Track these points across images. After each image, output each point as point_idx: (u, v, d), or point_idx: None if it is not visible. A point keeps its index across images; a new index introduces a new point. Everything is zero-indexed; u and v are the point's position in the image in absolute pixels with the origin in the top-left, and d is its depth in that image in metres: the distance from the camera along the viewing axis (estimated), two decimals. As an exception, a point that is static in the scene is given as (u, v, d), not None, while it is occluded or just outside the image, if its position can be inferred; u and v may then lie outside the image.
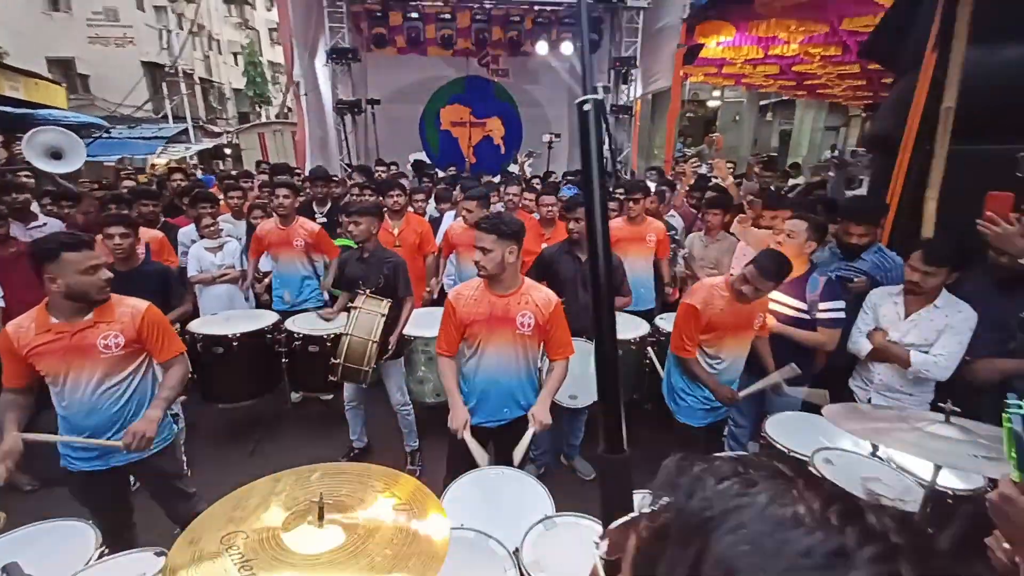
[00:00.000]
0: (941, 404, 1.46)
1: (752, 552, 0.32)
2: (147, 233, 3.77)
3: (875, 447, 2.06)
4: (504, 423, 2.36)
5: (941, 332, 2.42)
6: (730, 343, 2.63)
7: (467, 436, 2.13)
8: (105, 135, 12.13)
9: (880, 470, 1.98)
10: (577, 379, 2.92)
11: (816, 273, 2.77)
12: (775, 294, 2.77)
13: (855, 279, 2.87)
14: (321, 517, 1.13)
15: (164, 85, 18.10)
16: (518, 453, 2.06)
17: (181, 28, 21.23)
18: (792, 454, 2.17)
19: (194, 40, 21.86)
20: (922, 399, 2.54)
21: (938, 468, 1.40)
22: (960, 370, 2.39)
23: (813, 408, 2.41)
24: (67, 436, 2.02)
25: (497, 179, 6.99)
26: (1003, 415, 0.95)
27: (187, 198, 4.71)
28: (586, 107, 0.73)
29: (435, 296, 4.15)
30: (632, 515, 0.42)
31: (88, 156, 6.18)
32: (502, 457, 2.30)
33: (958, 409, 1.43)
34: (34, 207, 4.33)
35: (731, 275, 2.59)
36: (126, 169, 6.80)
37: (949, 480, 1.87)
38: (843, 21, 5.31)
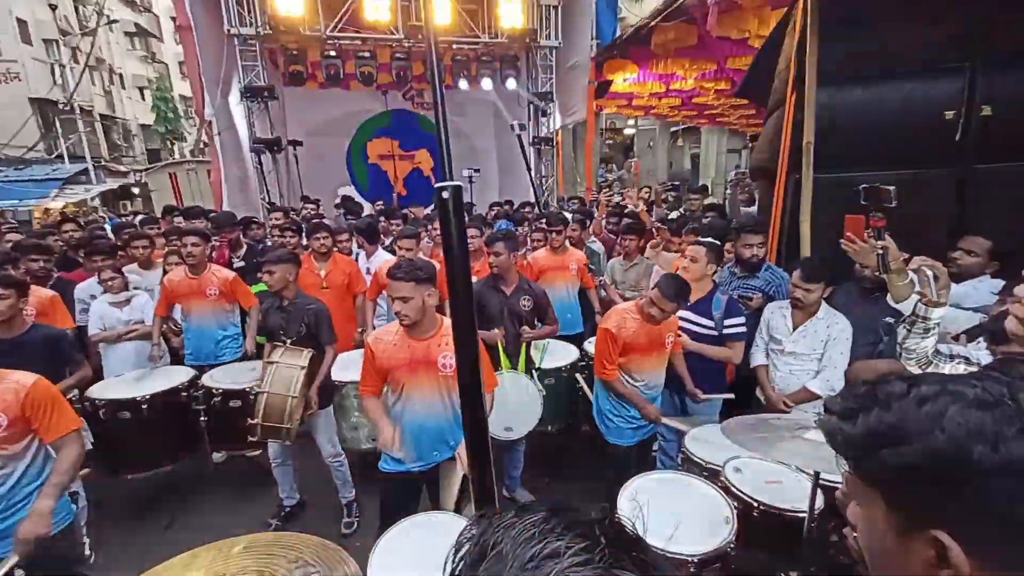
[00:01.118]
0: (812, 411, 1.66)
1: (497, 564, 0.43)
2: (37, 292, 3.43)
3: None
4: (435, 465, 2.36)
5: (825, 342, 2.73)
6: (647, 362, 2.81)
7: (397, 447, 2.21)
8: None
9: (782, 473, 2.18)
10: (510, 411, 2.98)
11: (719, 293, 3.04)
12: (685, 314, 3.02)
13: (753, 297, 3.18)
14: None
15: (57, 123, 16.62)
16: (449, 496, 2.06)
17: (76, 62, 19.68)
18: (708, 465, 2.35)
19: (92, 75, 20.33)
20: (819, 403, 2.83)
21: (817, 472, 1.58)
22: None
23: (730, 410, 2.64)
24: None
25: (427, 210, 7.04)
26: None
27: (83, 250, 4.34)
28: (444, 194, 0.77)
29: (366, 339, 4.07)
30: None
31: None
32: (436, 502, 2.29)
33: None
34: None
35: (640, 299, 2.79)
36: (9, 223, 6.10)
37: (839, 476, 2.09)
38: (727, 60, 5.96)
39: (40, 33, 19.14)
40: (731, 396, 2.90)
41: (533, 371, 3.29)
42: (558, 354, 3.57)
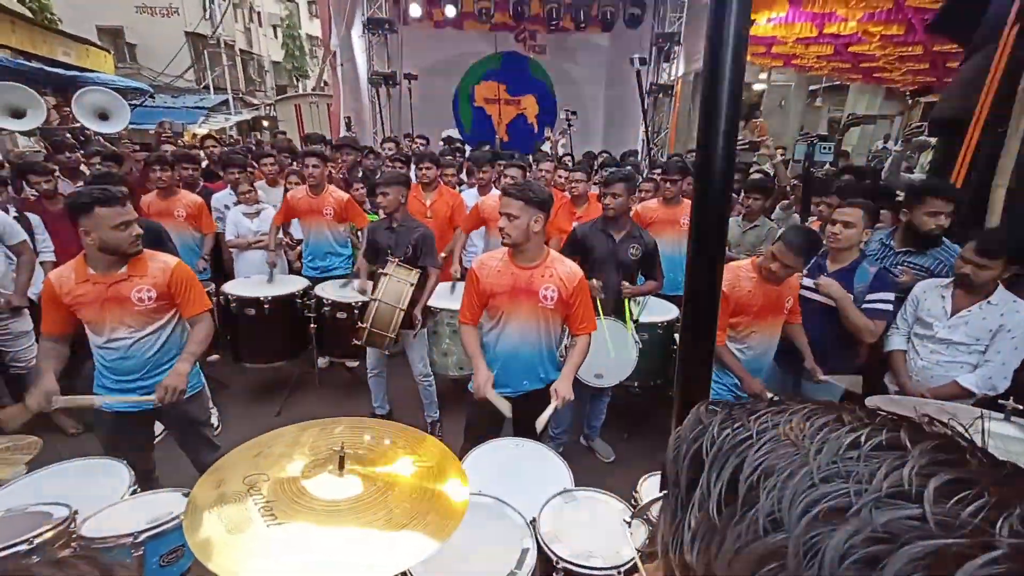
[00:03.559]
0: (1002, 401, 1.35)
1: (791, 452, 0.30)
2: (186, 198, 3.86)
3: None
4: (522, 394, 2.34)
5: (995, 333, 2.25)
6: (759, 328, 2.52)
7: (491, 393, 2.12)
8: (149, 100, 12.50)
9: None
10: (604, 358, 2.87)
11: (865, 263, 2.62)
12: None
13: (902, 272, 2.68)
14: (342, 467, 1.13)
15: (206, 55, 18.44)
16: (540, 422, 2.04)
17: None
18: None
19: (235, 12, 22.09)
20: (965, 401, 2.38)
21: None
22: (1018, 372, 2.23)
23: (851, 398, 2.30)
24: (104, 396, 2.09)
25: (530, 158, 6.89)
26: None
27: (221, 163, 4.81)
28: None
29: (460, 274, 4.10)
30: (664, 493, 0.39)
31: (131, 123, 6.36)
32: (520, 428, 2.28)
33: (1021, 407, 1.32)
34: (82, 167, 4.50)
35: (757, 257, 2.48)
36: (166, 133, 6.97)
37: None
38: (910, -5, 4.93)
39: (196, -30, 20.96)
40: (859, 377, 2.50)
41: (630, 323, 3.12)
42: (656, 310, 3.37)
